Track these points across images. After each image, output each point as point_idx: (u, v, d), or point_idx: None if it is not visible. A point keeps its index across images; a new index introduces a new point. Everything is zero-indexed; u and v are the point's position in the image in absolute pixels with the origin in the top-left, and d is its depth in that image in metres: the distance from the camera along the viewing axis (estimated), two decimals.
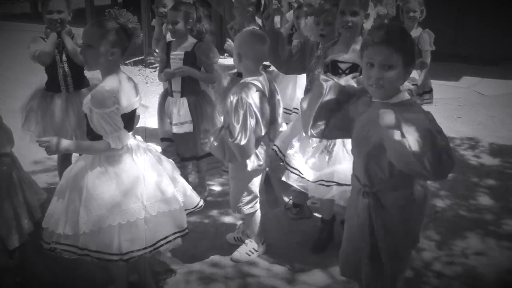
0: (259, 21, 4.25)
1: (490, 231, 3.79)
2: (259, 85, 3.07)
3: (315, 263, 3.39)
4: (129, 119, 2.71)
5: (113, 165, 2.65)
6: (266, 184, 3.40)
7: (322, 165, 3.18)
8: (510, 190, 4.40)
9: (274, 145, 3.41)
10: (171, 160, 3.02)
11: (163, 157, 2.94)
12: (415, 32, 4.78)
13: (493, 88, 7.47)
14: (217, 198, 4.31)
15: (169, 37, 4.18)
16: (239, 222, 3.81)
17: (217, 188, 4.48)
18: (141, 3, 8.54)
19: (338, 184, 3.11)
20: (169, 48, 3.97)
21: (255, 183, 3.26)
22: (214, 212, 4.06)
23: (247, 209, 3.30)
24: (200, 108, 3.95)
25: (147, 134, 5.45)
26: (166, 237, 2.71)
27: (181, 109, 3.93)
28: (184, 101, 3.93)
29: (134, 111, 2.73)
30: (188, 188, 2.99)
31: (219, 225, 3.89)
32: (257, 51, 3.09)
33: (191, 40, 3.95)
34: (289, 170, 3.29)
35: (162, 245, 2.70)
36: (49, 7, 3.78)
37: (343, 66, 3.09)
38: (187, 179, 4.37)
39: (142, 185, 2.65)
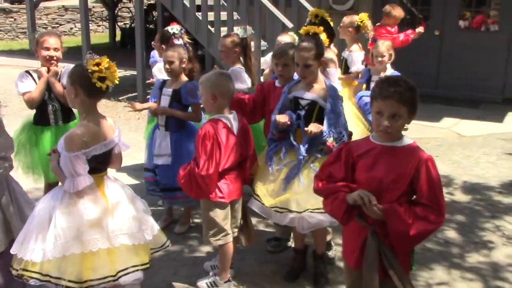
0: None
1: (455, 263, 3.98)
2: (227, 122, 3.34)
3: None
4: (102, 160, 2.91)
5: (83, 197, 2.82)
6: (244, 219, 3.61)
7: (279, 192, 3.36)
8: (478, 226, 4.61)
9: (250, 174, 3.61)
10: (144, 201, 3.19)
11: (137, 198, 3.13)
12: (388, 72, 5.17)
13: (471, 129, 7.77)
14: (200, 228, 4.50)
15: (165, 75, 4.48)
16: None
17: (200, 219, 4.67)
18: (136, 43, 8.88)
19: (290, 211, 3.28)
20: (162, 86, 4.29)
21: (220, 216, 3.41)
22: (195, 242, 4.25)
23: (213, 241, 3.48)
24: (180, 143, 4.18)
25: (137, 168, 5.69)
26: (126, 268, 2.85)
27: (162, 142, 4.21)
28: (167, 135, 4.20)
29: (108, 152, 2.94)
30: (157, 228, 3.16)
31: (200, 255, 4.08)
32: (229, 90, 3.38)
33: (183, 79, 4.23)
34: (253, 196, 3.49)
35: (121, 276, 2.83)
36: (47, 44, 4.03)
37: (303, 102, 3.43)
38: (170, 210, 4.60)
39: (108, 218, 2.85)
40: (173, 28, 5.04)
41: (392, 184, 2.37)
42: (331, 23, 5.03)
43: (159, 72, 4.93)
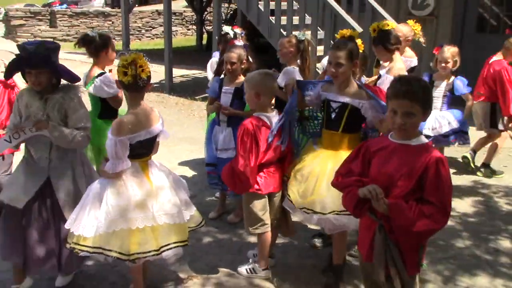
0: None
1: (501, 272, 3.90)
2: (267, 120, 3.52)
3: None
4: (146, 145, 3.23)
5: (131, 179, 3.16)
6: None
7: (306, 194, 3.41)
8: None
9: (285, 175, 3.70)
10: (185, 184, 3.51)
11: (180, 183, 3.45)
12: (451, 80, 5.25)
13: None
14: None
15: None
16: None
17: None
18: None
19: (315, 212, 3.34)
20: (221, 83, 4.54)
21: (257, 207, 3.61)
22: (244, 232, 4.47)
23: (252, 230, 3.69)
24: None
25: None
26: (168, 244, 3.15)
27: (226, 137, 4.46)
28: (229, 130, 4.46)
29: (151, 138, 3.25)
30: (194, 209, 3.48)
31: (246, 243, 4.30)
32: (273, 89, 3.56)
33: (242, 78, 4.42)
34: (286, 196, 3.59)
35: (164, 251, 3.13)
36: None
37: (334, 105, 3.47)
38: (224, 202, 4.86)
39: (152, 199, 3.16)
40: (232, 30, 5.36)
41: (401, 180, 2.43)
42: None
43: (210, 68, 5.32)
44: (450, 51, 5.20)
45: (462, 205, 5.13)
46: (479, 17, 9.71)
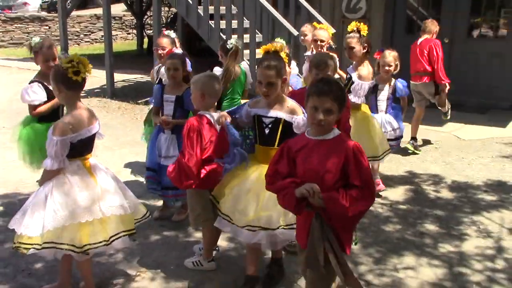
0: None
1: (426, 252, 4.29)
2: (211, 118, 3.75)
3: None
4: (86, 143, 3.40)
5: (75, 177, 3.31)
6: None
7: (250, 211, 3.38)
8: (456, 220, 4.89)
9: (211, 195, 3.68)
10: (121, 181, 3.68)
11: (117, 177, 3.62)
12: (392, 82, 5.71)
13: (472, 134, 7.98)
14: None
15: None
16: None
17: None
18: None
19: (263, 229, 3.34)
20: (163, 91, 4.61)
21: (200, 202, 3.82)
22: (189, 229, 4.66)
23: (196, 224, 3.94)
24: None
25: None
26: (117, 234, 3.34)
27: (170, 145, 4.61)
28: (174, 138, 4.60)
29: (91, 136, 3.41)
30: (138, 202, 3.69)
31: (192, 240, 4.50)
32: (217, 90, 3.81)
33: (183, 85, 4.55)
34: (220, 215, 3.57)
35: (113, 241, 3.32)
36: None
37: (266, 120, 3.47)
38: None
39: (98, 193, 3.34)
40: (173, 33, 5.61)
41: (326, 174, 2.64)
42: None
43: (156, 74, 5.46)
44: (391, 55, 5.59)
45: (393, 194, 5.54)
46: (408, 19, 10.34)
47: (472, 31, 10.08)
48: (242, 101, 4.97)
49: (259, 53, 8.12)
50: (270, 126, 3.46)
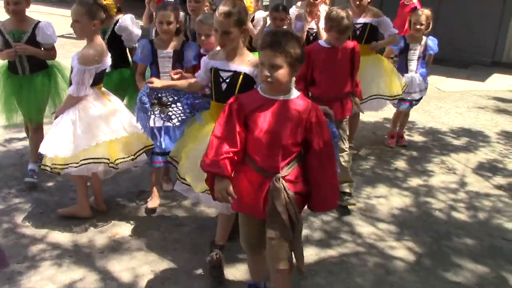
0: None
1: (396, 184, 4.79)
2: None
3: None
4: (102, 73, 3.74)
5: (97, 102, 3.68)
6: None
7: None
8: (426, 159, 5.38)
9: (169, 157, 3.44)
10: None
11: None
12: (423, 41, 5.50)
13: (452, 86, 8.44)
14: None
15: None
16: None
17: None
18: None
19: None
20: (153, 46, 3.99)
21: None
22: None
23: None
24: None
25: None
26: (140, 150, 3.72)
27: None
28: None
29: (105, 70, 3.78)
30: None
31: None
32: None
33: (179, 38, 4.07)
34: (179, 180, 3.28)
35: (139, 155, 3.71)
36: None
37: (224, 75, 3.11)
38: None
39: (119, 114, 3.73)
40: None
41: (289, 137, 2.51)
42: None
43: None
44: (424, 13, 5.37)
45: (373, 137, 6.01)
46: None
47: None
48: None
49: None
50: (227, 80, 3.11)
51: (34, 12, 4.78)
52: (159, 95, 3.39)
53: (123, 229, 3.80)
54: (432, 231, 3.97)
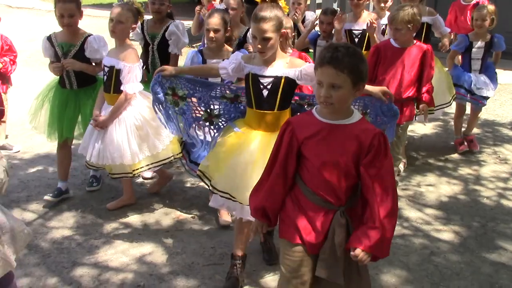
0: None
1: (446, 173, 4.92)
2: None
3: None
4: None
5: (145, 99, 3.88)
6: None
7: (247, 184, 2.77)
8: (479, 150, 5.45)
9: (199, 171, 3.16)
10: None
11: None
12: (488, 38, 5.20)
13: (508, 78, 8.33)
14: None
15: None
16: None
17: None
18: None
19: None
20: (203, 56, 3.90)
21: None
22: None
23: None
24: None
25: None
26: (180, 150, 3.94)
27: None
28: None
29: None
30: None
31: None
32: None
33: (227, 48, 3.94)
34: (217, 193, 3.05)
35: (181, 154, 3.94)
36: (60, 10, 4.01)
37: (264, 81, 2.98)
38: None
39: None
40: None
41: (351, 166, 2.22)
42: None
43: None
44: (487, 9, 5.06)
45: (424, 129, 6.11)
46: None
47: None
48: None
49: None
50: (269, 87, 2.97)
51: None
52: (173, 85, 3.23)
53: (185, 212, 4.16)
54: (479, 217, 4.10)
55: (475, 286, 3.27)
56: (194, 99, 3.25)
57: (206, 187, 3.20)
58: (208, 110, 3.26)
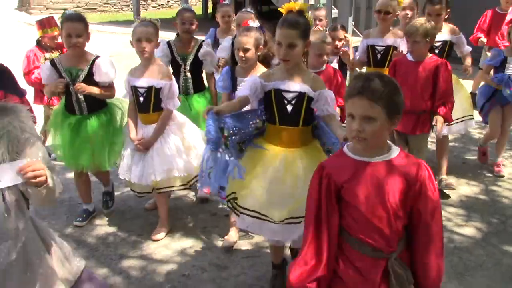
0: None
1: (465, 175, 5.13)
2: None
3: None
4: None
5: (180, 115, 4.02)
6: None
7: (288, 202, 2.75)
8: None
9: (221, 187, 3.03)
10: None
11: None
12: None
13: None
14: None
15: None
16: None
17: None
18: None
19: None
20: (233, 75, 3.78)
21: None
22: None
23: None
24: None
25: None
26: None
27: None
28: None
29: None
30: None
31: None
32: None
33: (259, 67, 3.71)
34: (244, 213, 2.91)
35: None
36: (68, 30, 3.76)
37: (288, 96, 2.89)
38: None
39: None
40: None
41: (397, 206, 2.02)
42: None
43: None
44: None
45: None
46: None
47: None
48: None
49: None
50: (293, 102, 2.89)
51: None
52: (221, 125, 2.89)
53: (219, 208, 4.41)
54: (499, 214, 4.32)
55: (497, 276, 3.49)
56: (235, 137, 2.96)
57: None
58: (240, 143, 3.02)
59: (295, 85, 2.89)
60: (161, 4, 22.09)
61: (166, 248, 3.83)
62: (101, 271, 3.52)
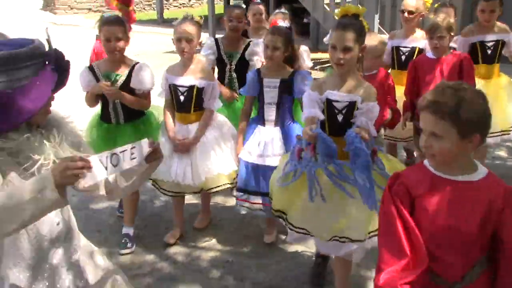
0: None
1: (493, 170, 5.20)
2: None
3: None
4: None
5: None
6: None
7: (332, 221, 2.75)
8: None
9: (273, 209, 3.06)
10: None
11: None
12: None
13: None
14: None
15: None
16: None
17: None
18: None
19: (351, 240, 2.77)
20: (259, 75, 3.68)
21: None
22: None
23: None
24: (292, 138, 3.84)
25: None
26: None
27: (274, 139, 3.68)
28: (277, 131, 3.69)
29: None
30: None
31: None
32: None
33: (286, 68, 3.66)
34: (293, 229, 2.91)
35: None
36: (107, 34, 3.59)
37: (339, 105, 2.80)
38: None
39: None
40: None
41: (474, 233, 1.83)
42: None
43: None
44: None
45: None
46: None
47: None
48: None
49: None
50: (343, 111, 2.78)
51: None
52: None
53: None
54: None
55: None
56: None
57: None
58: None
59: (346, 95, 2.79)
60: (183, 3, 22.32)
61: (209, 236, 4.03)
62: (149, 257, 3.73)
